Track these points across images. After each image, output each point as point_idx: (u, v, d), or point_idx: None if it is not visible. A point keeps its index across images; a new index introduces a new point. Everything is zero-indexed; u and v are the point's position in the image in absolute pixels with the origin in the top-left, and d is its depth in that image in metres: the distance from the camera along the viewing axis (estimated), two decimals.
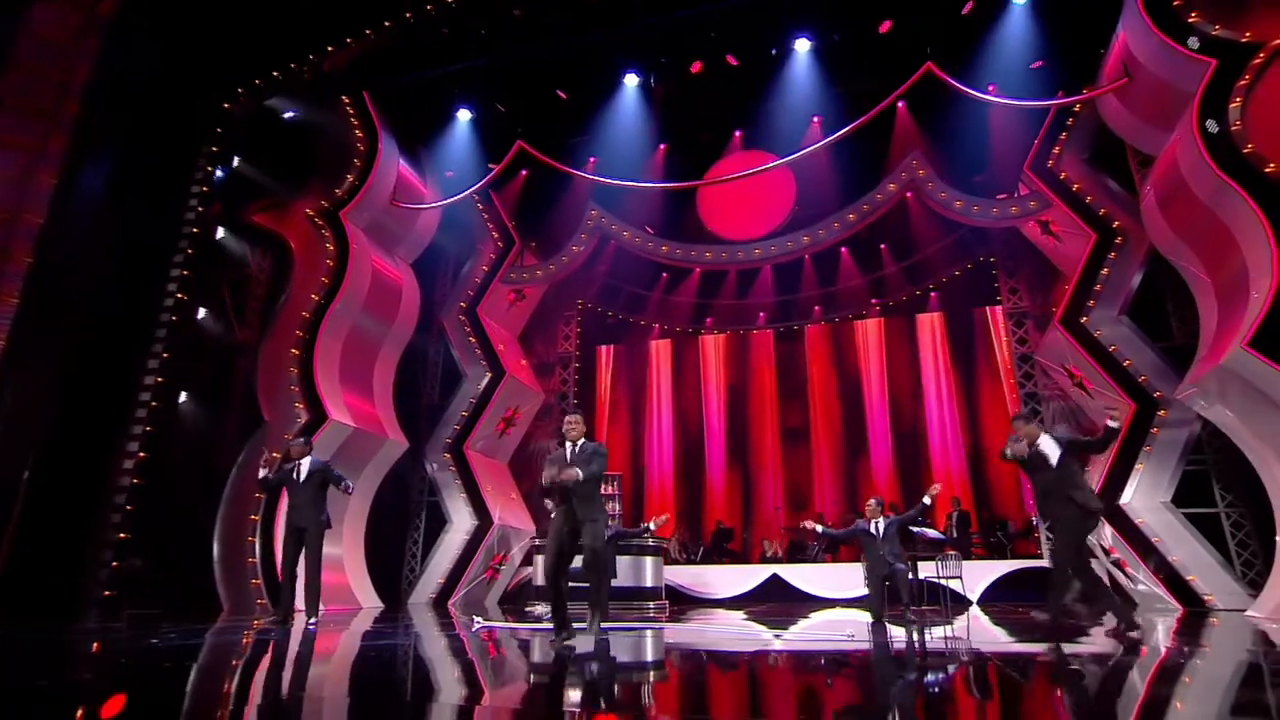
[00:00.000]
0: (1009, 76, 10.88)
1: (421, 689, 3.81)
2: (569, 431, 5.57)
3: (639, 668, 4.68)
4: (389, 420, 11.60)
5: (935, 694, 3.50)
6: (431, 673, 4.38)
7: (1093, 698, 3.38)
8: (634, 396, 17.25)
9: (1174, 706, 3.22)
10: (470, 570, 12.39)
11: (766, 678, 4.23)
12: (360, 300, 11.13)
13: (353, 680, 4.09)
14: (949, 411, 14.98)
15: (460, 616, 9.09)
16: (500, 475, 13.75)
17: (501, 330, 14.15)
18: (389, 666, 4.48)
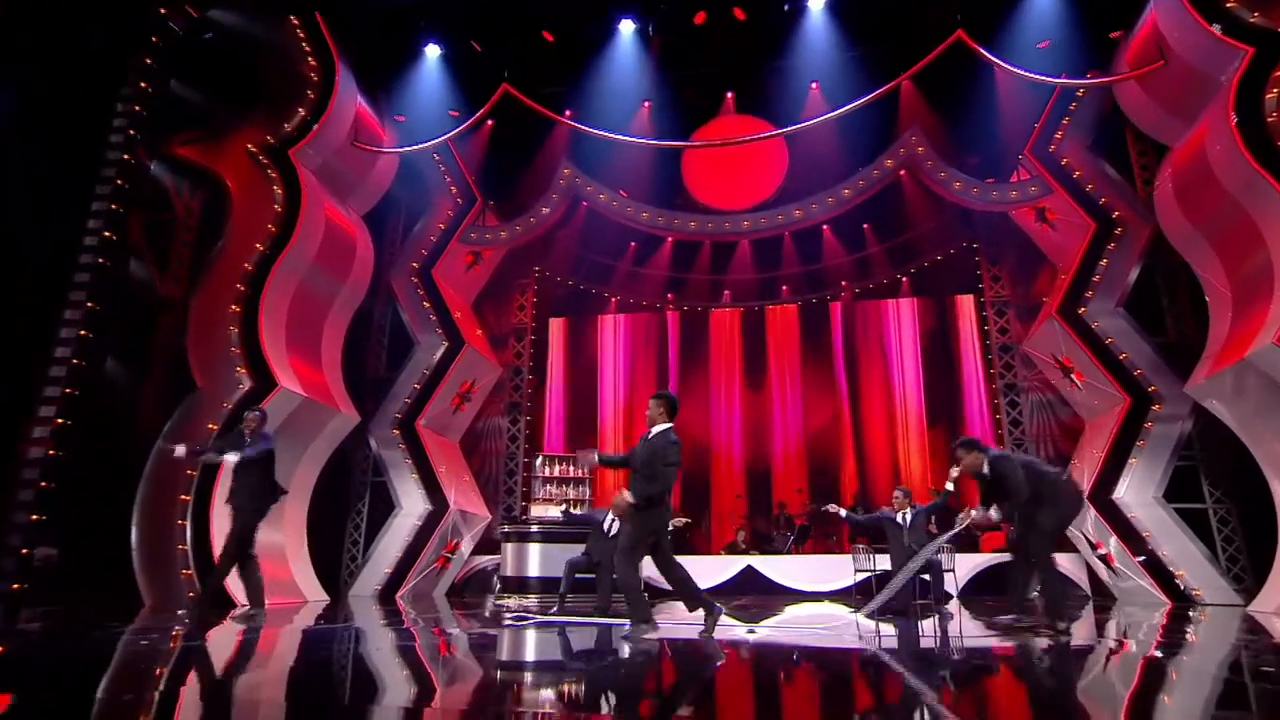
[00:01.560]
0: (1016, 55, 10.81)
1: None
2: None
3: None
4: (339, 391, 10.62)
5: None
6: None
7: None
8: (588, 374, 16.63)
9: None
10: (422, 559, 11.58)
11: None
12: (311, 254, 10.07)
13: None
14: (918, 400, 15.08)
15: (462, 611, 8.35)
16: (453, 455, 12.93)
17: (456, 296, 13.25)
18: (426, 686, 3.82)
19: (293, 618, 7.42)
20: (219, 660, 4.53)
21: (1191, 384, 8.87)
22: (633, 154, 12.50)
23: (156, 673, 3.88)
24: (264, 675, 3.95)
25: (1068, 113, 11.10)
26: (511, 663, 4.65)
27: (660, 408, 5.48)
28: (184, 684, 3.63)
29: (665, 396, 5.53)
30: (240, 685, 3.66)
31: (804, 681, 4.07)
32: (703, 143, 11.58)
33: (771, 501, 15.34)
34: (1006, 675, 4.15)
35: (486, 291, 14.50)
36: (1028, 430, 12.72)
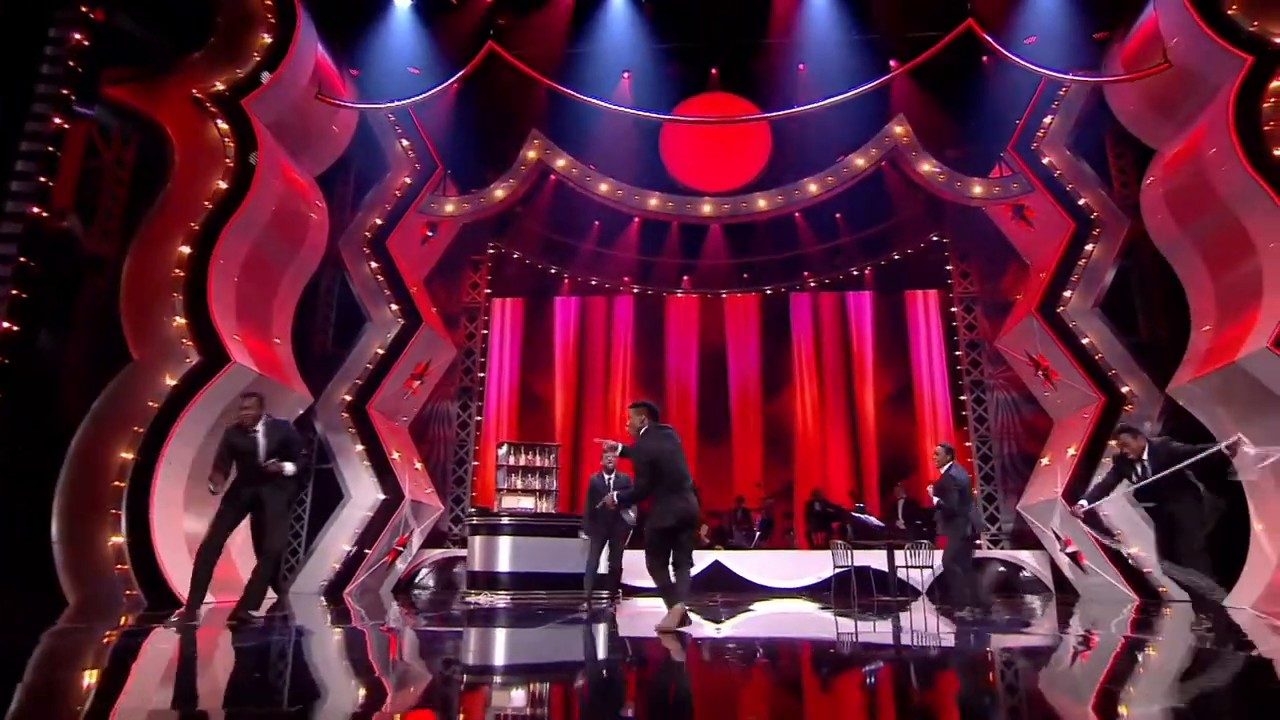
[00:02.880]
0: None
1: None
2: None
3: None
4: (291, 368, 9.90)
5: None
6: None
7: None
8: (542, 358, 16.17)
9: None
10: (372, 553, 10.98)
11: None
12: (266, 216, 9.31)
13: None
14: (879, 395, 15.32)
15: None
16: (404, 440, 12.32)
17: (409, 270, 12.59)
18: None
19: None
20: (149, 668, 4.02)
21: (1175, 385, 9.24)
22: (609, 130, 12.16)
23: (63, 679, 3.39)
24: (205, 687, 3.49)
25: (1050, 111, 11.41)
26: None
27: (640, 416, 5.77)
28: (88, 697, 3.12)
29: (644, 405, 5.81)
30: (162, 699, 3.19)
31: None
32: (684, 118, 11.33)
33: (730, 495, 15.33)
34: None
35: (438, 267, 13.87)
36: (993, 427, 13.09)
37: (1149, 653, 4.99)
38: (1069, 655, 4.90)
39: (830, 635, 6.03)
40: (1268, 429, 8.27)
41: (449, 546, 13.02)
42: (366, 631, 6.00)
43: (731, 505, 14.82)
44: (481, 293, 14.70)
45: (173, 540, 7.99)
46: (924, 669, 4.28)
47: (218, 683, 3.63)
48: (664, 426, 5.80)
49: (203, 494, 8.43)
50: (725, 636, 5.82)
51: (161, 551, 7.81)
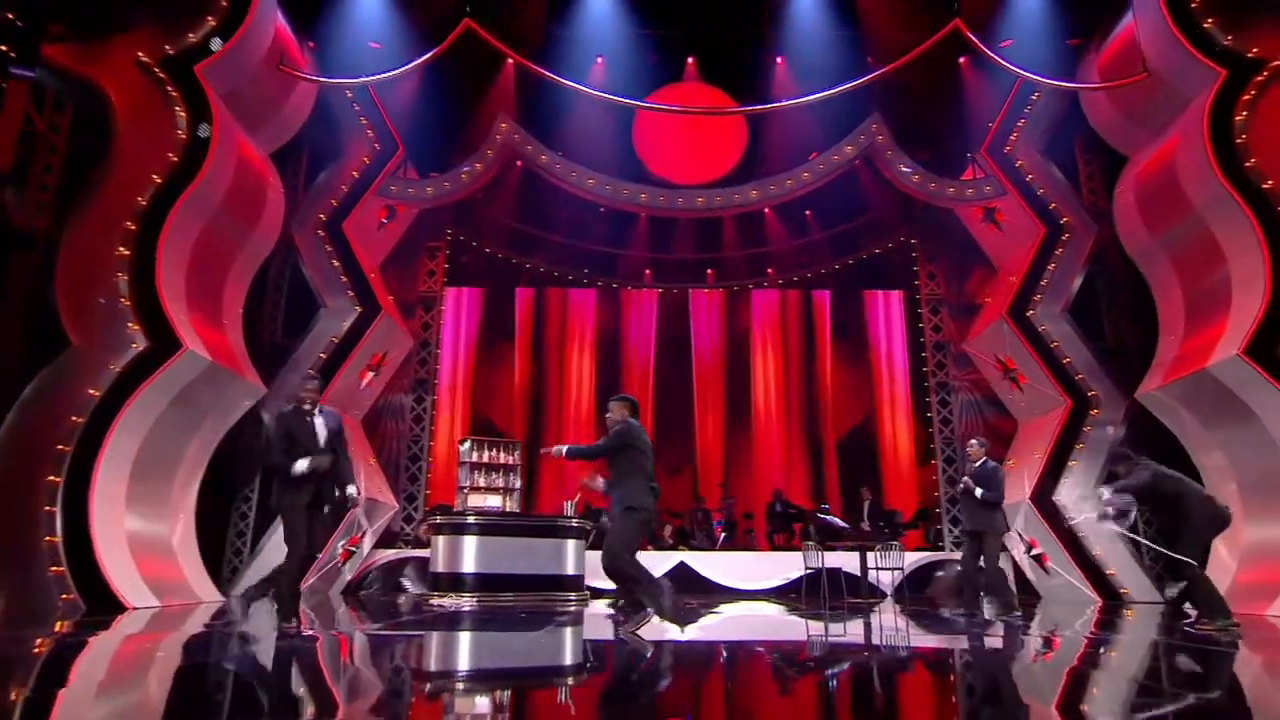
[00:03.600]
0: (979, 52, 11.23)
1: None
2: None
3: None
4: (243, 356, 9.46)
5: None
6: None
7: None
8: (499, 351, 15.88)
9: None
10: (325, 553, 10.57)
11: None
12: (220, 193, 8.86)
13: None
14: (842, 395, 15.50)
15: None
16: (358, 435, 11.91)
17: (365, 255, 12.18)
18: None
19: (206, 623, 6.48)
20: (80, 680, 3.76)
21: (1144, 390, 9.55)
22: (581, 117, 11.99)
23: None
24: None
25: (1023, 115, 11.65)
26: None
27: (621, 408, 5.83)
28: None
29: (629, 400, 5.89)
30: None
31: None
32: (662, 106, 11.20)
33: (690, 495, 15.31)
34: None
35: (394, 253, 13.46)
36: (957, 429, 13.35)
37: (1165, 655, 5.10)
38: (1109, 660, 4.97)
39: (820, 639, 6.02)
40: (1234, 435, 8.63)
41: (401, 547, 12.69)
42: (348, 640, 5.74)
43: (691, 505, 14.81)
44: (438, 281, 14.32)
45: (114, 540, 7.54)
46: (955, 683, 4.28)
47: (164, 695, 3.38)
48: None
49: (148, 490, 8.05)
50: (723, 640, 5.76)
51: (102, 552, 7.35)
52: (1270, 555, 8.25)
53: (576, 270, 15.18)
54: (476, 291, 15.59)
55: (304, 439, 5.43)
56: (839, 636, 6.16)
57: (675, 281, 15.77)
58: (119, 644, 5.30)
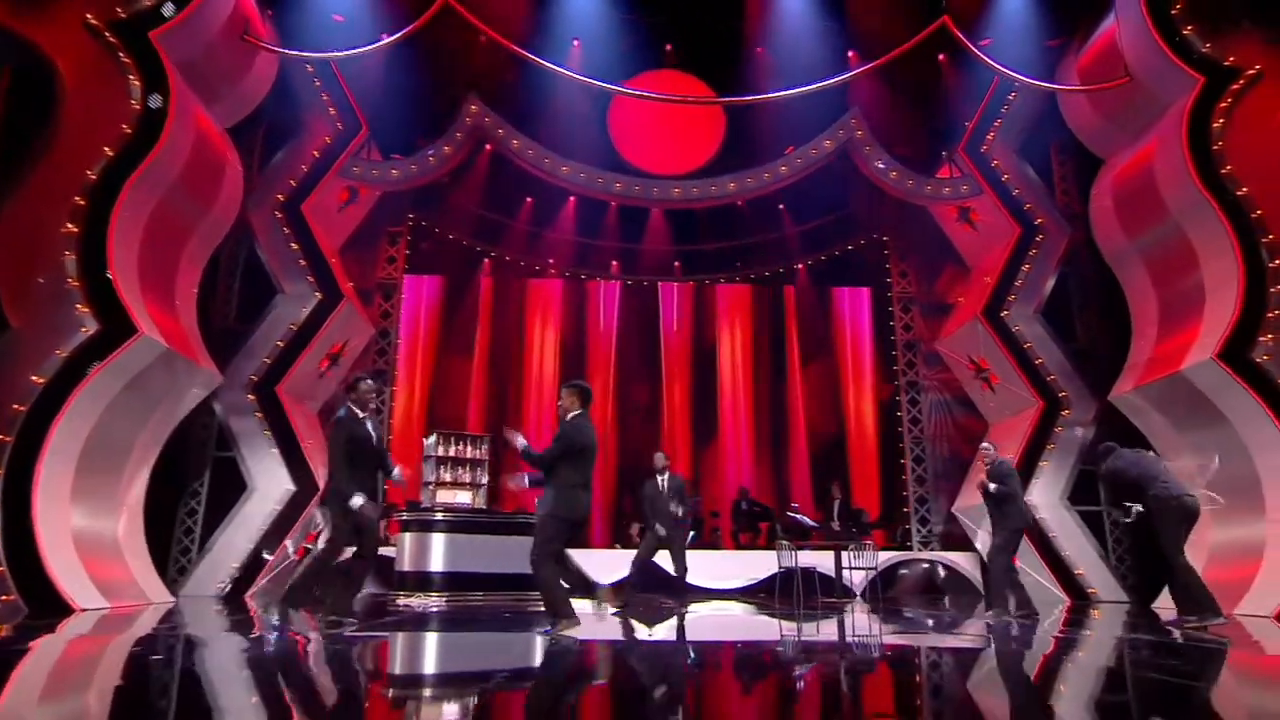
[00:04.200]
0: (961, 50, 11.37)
1: None
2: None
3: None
4: (197, 342, 9.09)
5: None
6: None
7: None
8: (458, 341, 15.59)
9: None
10: (280, 552, 10.28)
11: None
12: (177, 169, 8.47)
13: None
14: (810, 393, 15.61)
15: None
16: (314, 428, 11.59)
17: (324, 239, 11.83)
18: None
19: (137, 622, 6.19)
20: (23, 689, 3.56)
21: (1117, 393, 9.81)
22: (554, 101, 11.81)
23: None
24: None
25: (1000, 115, 11.85)
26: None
27: (572, 396, 5.72)
28: None
29: (577, 386, 5.78)
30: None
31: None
32: (640, 92, 11.08)
33: None
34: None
35: (353, 237, 13.10)
36: (926, 429, 13.56)
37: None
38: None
39: (830, 640, 6.03)
40: (1204, 439, 8.90)
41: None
42: (315, 643, 5.52)
43: None
44: (399, 268, 13.99)
45: (59, 537, 7.17)
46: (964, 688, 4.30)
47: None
48: (590, 420, 5.78)
49: (95, 484, 7.69)
50: (720, 641, 5.72)
51: (46, 550, 6.98)
52: (1237, 555, 8.54)
53: (542, 260, 14.99)
54: (438, 279, 15.29)
55: (364, 441, 5.88)
56: (830, 637, 6.18)
57: (643, 274, 15.69)
58: (67, 647, 5.03)
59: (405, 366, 14.35)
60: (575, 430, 5.55)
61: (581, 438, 5.51)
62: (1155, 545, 6.60)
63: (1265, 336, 8.25)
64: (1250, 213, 8.58)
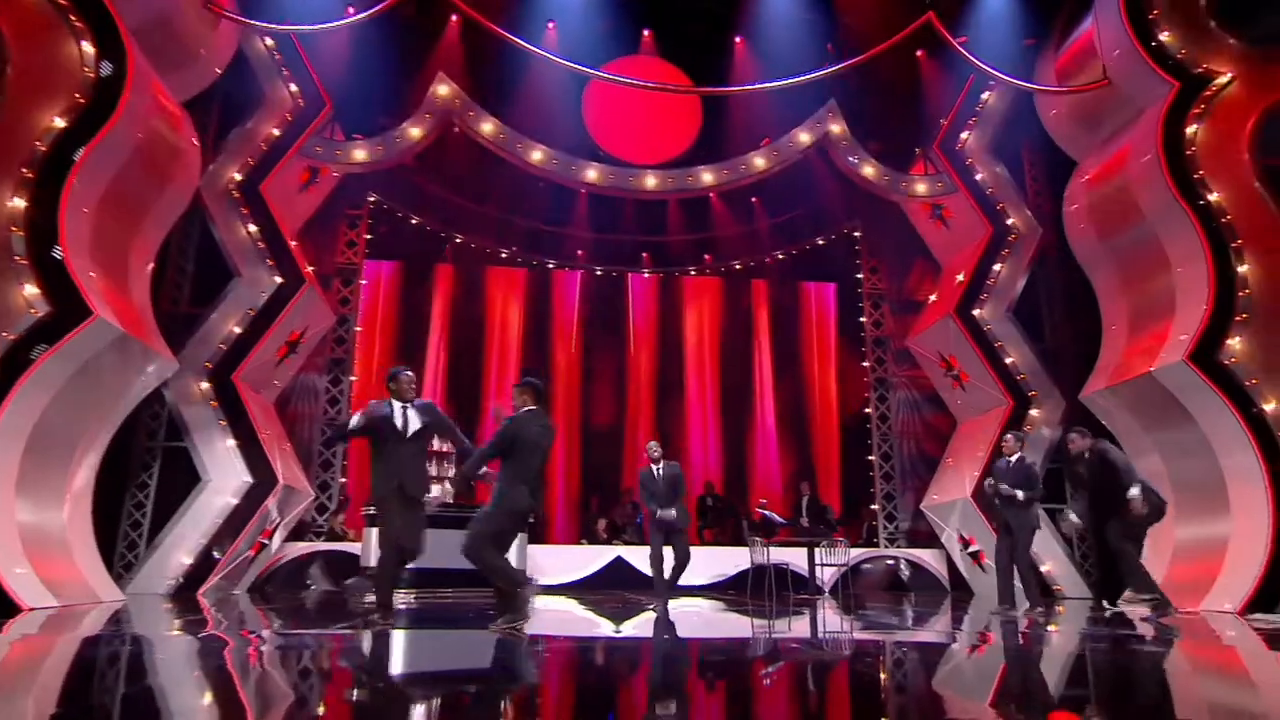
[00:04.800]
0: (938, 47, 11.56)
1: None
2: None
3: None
4: (152, 326, 8.78)
5: None
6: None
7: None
8: (423, 330, 15.37)
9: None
10: (236, 546, 10.03)
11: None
12: (132, 143, 8.16)
13: None
14: (778, 388, 15.77)
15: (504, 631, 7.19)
16: (271, 418, 11.33)
17: (284, 222, 11.53)
18: None
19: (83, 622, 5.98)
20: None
21: (1087, 392, 10.10)
22: (528, 85, 11.70)
23: None
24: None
25: (975, 113, 12.09)
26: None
27: (525, 395, 5.74)
28: None
29: (532, 385, 5.78)
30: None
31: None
32: (618, 77, 11.00)
33: (619, 489, 15.29)
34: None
35: (311, 220, 12.80)
36: (894, 426, 13.81)
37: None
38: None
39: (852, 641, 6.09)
40: (1172, 439, 9.24)
41: (311, 539, 12.16)
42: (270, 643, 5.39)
43: (621, 499, 14.81)
44: (359, 253, 13.72)
45: (5, 532, 6.87)
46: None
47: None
48: (544, 417, 5.81)
49: (43, 476, 7.41)
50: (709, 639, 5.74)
51: None
52: (1200, 553, 8.88)
53: (507, 247, 14.85)
54: (397, 264, 15.06)
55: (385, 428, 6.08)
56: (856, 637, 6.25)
57: (610, 264, 15.65)
58: (11, 649, 4.83)
59: (364, 355, 14.08)
60: (516, 425, 5.57)
61: (521, 433, 5.54)
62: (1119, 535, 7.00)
63: (1233, 340, 8.56)
64: (1220, 218, 8.89)
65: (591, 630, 6.63)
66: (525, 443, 5.52)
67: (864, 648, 5.48)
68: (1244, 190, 9.07)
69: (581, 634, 6.34)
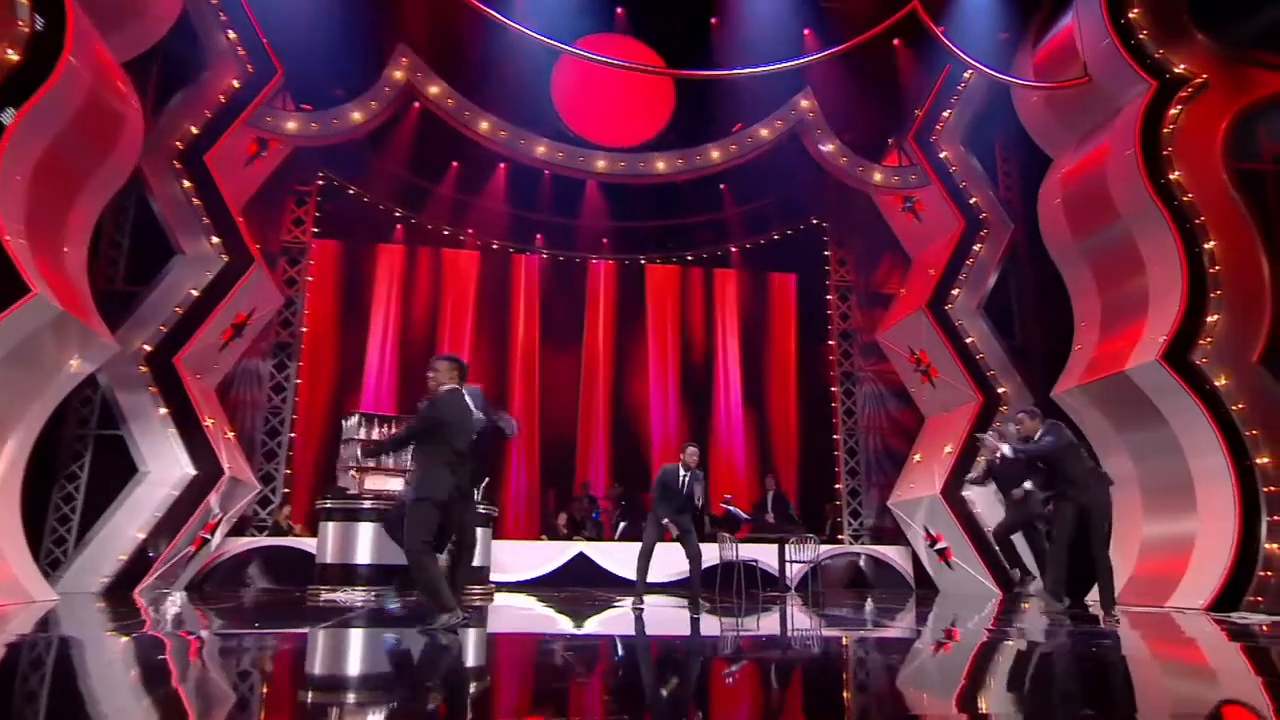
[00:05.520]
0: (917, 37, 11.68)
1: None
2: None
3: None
4: (89, 305, 8.36)
5: None
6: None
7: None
8: (374, 314, 14.98)
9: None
10: (177, 542, 9.65)
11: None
12: (73, 107, 7.73)
13: None
14: (743, 382, 15.81)
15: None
16: (214, 405, 10.93)
17: (231, 196, 11.09)
18: None
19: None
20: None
21: (1059, 390, 10.35)
22: (493, 61, 11.46)
23: None
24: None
25: (950, 105, 12.25)
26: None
27: (447, 372, 5.67)
28: None
29: (454, 360, 5.76)
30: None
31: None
32: (585, 53, 10.80)
33: (574, 481, 15.19)
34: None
35: (256, 195, 12.36)
36: (860, 420, 13.98)
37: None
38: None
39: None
40: (1141, 438, 9.53)
41: (253, 534, 11.82)
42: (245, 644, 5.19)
43: (577, 493, 14.71)
44: (306, 231, 13.32)
45: None
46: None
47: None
48: (471, 386, 5.84)
49: None
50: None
51: None
52: (1168, 550, 9.19)
53: (464, 229, 14.59)
54: (347, 246, 14.64)
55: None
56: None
57: (570, 249, 15.48)
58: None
59: (311, 340, 13.67)
60: (437, 408, 5.51)
61: (442, 415, 5.48)
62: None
63: (1205, 340, 8.85)
64: (1194, 219, 9.17)
65: (562, 629, 6.54)
66: (447, 425, 5.47)
67: (894, 650, 5.52)
68: (1216, 192, 9.36)
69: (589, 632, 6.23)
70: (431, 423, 5.48)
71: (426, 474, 5.50)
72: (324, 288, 14.29)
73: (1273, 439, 8.70)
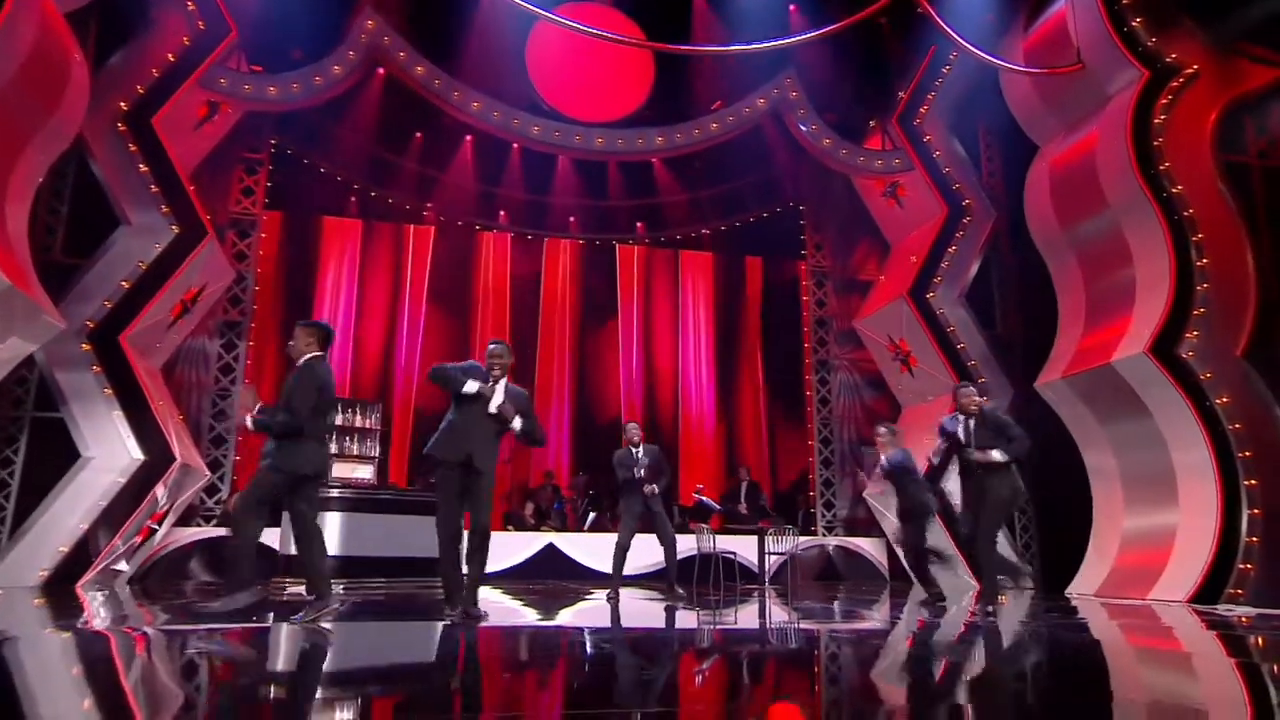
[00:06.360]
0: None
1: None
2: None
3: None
4: (33, 279, 8.00)
5: None
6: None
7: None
8: (325, 291, 14.63)
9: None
10: (123, 532, 9.33)
11: None
12: (16, 62, 7.35)
13: None
14: (713, 368, 15.86)
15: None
16: (160, 387, 10.57)
17: (179, 162, 10.69)
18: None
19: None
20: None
21: (1043, 381, 10.59)
22: (465, 28, 11.24)
23: None
24: None
25: (934, 88, 12.38)
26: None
27: (310, 336, 5.52)
28: None
29: (320, 326, 5.65)
30: None
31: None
32: (564, 20, 10.56)
33: (536, 470, 15.10)
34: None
35: (204, 162, 11.94)
36: (834, 409, 14.12)
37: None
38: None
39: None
40: (1125, 430, 9.81)
41: (199, 524, 11.49)
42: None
43: (540, 481, 14.64)
44: (258, 202, 12.90)
45: None
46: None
47: None
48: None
49: None
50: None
51: None
52: (1148, 543, 9.49)
53: (426, 205, 14.32)
54: (297, 217, 14.23)
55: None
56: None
57: (537, 227, 15.30)
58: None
59: (261, 319, 13.29)
60: (318, 373, 5.36)
61: (323, 381, 5.34)
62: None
63: (1191, 334, 9.12)
64: (1183, 211, 9.42)
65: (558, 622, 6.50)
66: (327, 392, 5.34)
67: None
68: (1205, 184, 9.64)
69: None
70: (318, 389, 5.27)
71: (289, 447, 5.20)
72: (272, 262, 13.90)
73: (1254, 433, 9.02)
